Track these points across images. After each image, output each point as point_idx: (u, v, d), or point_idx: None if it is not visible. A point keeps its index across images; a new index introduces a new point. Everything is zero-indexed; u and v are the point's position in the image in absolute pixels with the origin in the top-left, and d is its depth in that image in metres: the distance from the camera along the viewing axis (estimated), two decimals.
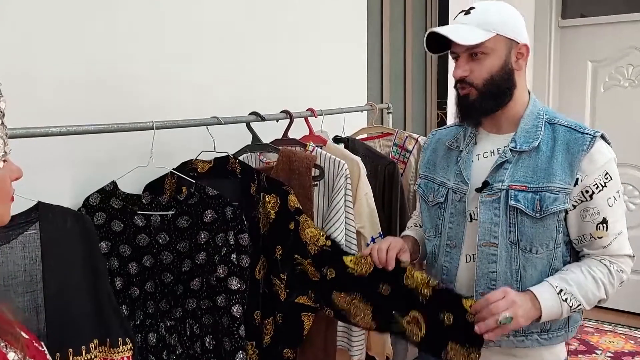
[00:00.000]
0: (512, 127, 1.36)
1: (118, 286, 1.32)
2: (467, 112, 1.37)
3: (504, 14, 1.31)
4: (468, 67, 1.31)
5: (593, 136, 1.29)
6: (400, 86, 3.13)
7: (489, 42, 1.28)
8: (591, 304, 1.29)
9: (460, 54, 1.32)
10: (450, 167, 1.42)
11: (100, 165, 1.42)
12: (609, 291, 1.29)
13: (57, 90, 1.33)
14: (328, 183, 1.68)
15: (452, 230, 1.38)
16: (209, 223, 1.32)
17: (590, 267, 1.29)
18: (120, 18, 1.47)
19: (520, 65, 1.34)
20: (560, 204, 1.27)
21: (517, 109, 1.36)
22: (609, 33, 3.93)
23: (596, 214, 1.28)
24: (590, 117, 4.05)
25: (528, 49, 1.34)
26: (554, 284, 1.26)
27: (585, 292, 1.27)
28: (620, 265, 1.30)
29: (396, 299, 1.33)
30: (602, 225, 1.28)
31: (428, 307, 1.30)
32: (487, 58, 1.30)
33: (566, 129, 1.32)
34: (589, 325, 3.78)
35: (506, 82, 1.32)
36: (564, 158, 1.29)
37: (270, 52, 2.02)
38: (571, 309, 1.27)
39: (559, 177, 1.27)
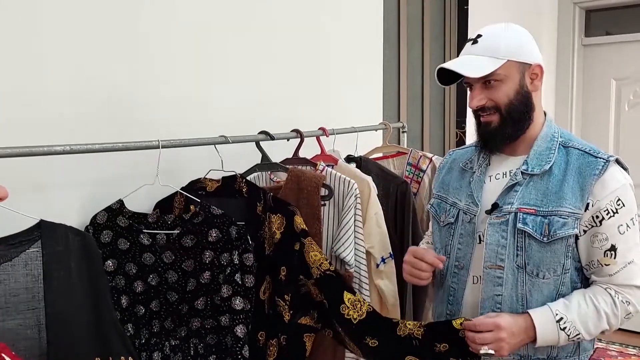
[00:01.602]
0: (526, 149, 1.34)
1: (124, 304, 1.32)
2: (490, 140, 1.35)
3: (512, 37, 1.30)
4: (483, 95, 1.30)
5: (607, 160, 1.26)
6: (418, 105, 3.12)
7: (501, 69, 1.27)
8: (592, 335, 1.26)
9: (474, 84, 1.32)
10: (462, 188, 1.41)
11: (108, 184, 1.43)
12: (612, 322, 1.25)
13: (64, 108, 1.36)
14: (338, 202, 1.68)
15: (460, 251, 1.36)
16: (214, 242, 1.32)
17: (595, 296, 1.25)
18: (128, 36, 1.50)
19: (536, 86, 1.32)
20: (569, 229, 1.24)
21: (533, 130, 1.34)
22: (633, 51, 3.88)
23: (604, 240, 1.25)
24: (614, 135, 3.99)
25: (542, 69, 1.32)
26: (555, 312, 1.23)
27: (586, 322, 1.23)
28: (626, 296, 1.25)
29: (385, 350, 1.34)
30: (610, 253, 1.24)
31: (422, 346, 1.30)
32: (502, 85, 1.29)
33: (580, 152, 1.29)
34: (613, 349, 3.68)
35: (525, 105, 1.31)
36: (575, 182, 1.26)
37: (283, 71, 2.03)
38: (569, 337, 1.24)
39: (569, 201, 1.25)
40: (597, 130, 4.03)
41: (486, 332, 1.21)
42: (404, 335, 1.32)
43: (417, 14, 3.06)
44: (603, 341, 3.80)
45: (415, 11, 3.03)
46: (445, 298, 1.39)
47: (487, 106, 1.31)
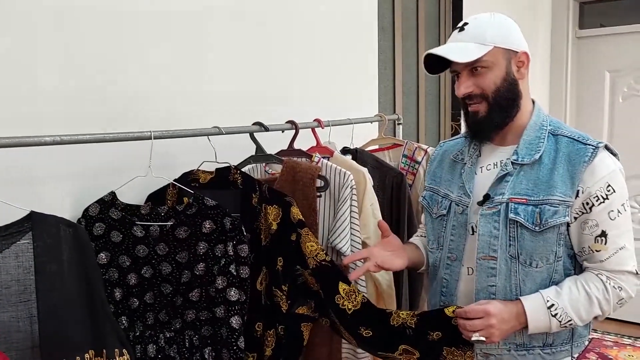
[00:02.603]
0: (516, 138, 1.33)
1: (117, 297, 1.31)
2: (478, 129, 1.35)
3: (498, 25, 1.29)
4: (470, 82, 1.30)
5: (596, 147, 1.25)
6: (413, 98, 3.11)
7: (488, 55, 1.27)
8: (584, 320, 1.26)
9: (461, 71, 1.31)
10: (454, 180, 1.40)
11: (99, 176, 1.42)
12: (604, 308, 1.25)
13: (55, 100, 1.34)
14: (333, 194, 1.67)
15: (453, 242, 1.36)
16: (208, 234, 1.31)
17: (586, 282, 1.25)
18: (122, 27, 1.48)
19: (522, 73, 1.31)
20: (560, 217, 1.24)
21: (522, 119, 1.33)
22: (627, 43, 3.88)
23: (595, 226, 1.24)
24: (608, 127, 3.99)
25: (528, 57, 1.32)
26: (546, 298, 1.24)
27: (577, 308, 1.23)
28: (618, 281, 1.25)
29: (379, 341, 1.35)
30: (600, 239, 1.24)
31: (416, 335, 1.31)
32: (489, 72, 1.28)
33: (569, 139, 1.29)
34: (608, 339, 3.69)
35: (512, 92, 1.30)
36: (565, 170, 1.25)
37: (278, 62, 2.01)
38: (561, 324, 1.24)
39: (560, 189, 1.24)
40: (591, 122, 4.04)
41: (476, 319, 1.21)
42: (397, 325, 1.32)
43: (412, 6, 3.04)
44: (599, 331, 3.81)
45: (410, 3, 3.02)
46: (439, 290, 1.39)
47: (474, 94, 1.30)
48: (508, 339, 1.29)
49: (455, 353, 1.29)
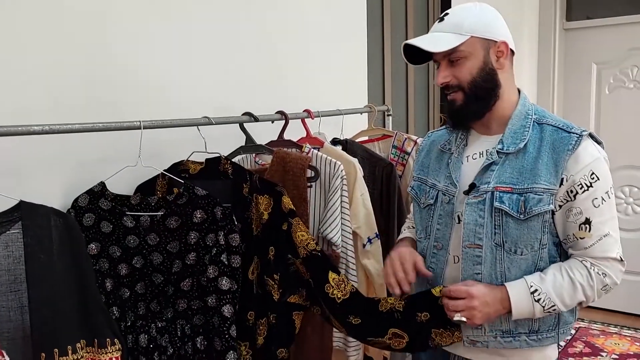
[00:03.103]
0: (501, 127, 1.34)
1: (108, 287, 1.31)
2: (456, 118, 1.37)
3: (477, 15, 1.30)
4: (448, 72, 1.31)
5: (580, 135, 1.27)
6: (402, 89, 3.12)
7: (464, 45, 1.28)
8: (567, 306, 1.28)
9: (440, 61, 1.33)
10: (441, 170, 1.42)
11: (89, 166, 1.41)
12: (587, 294, 1.27)
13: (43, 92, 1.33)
14: (324, 184, 1.67)
15: (439, 231, 1.37)
16: (199, 223, 1.30)
17: (570, 269, 1.27)
18: (111, 16, 1.47)
19: (502, 64, 1.32)
20: (544, 205, 1.25)
21: (505, 109, 1.34)
22: (613, 35, 3.91)
23: (579, 214, 1.26)
24: (595, 118, 4.03)
25: (507, 46, 1.32)
26: (530, 283, 1.26)
27: (561, 294, 1.25)
28: (602, 268, 1.27)
29: (368, 327, 1.37)
30: (584, 226, 1.26)
31: (404, 317, 1.33)
32: (466, 61, 1.29)
33: (553, 128, 1.30)
34: (595, 328, 3.75)
35: (489, 82, 1.31)
36: (549, 158, 1.27)
37: (267, 52, 2.01)
38: (544, 309, 1.25)
39: (544, 177, 1.26)
40: (578, 113, 4.07)
41: (459, 300, 1.24)
42: (385, 311, 1.34)
43: None
44: (586, 320, 3.87)
45: None
46: (425, 279, 1.40)
47: (451, 84, 1.31)
48: (494, 325, 1.31)
49: (443, 334, 1.31)
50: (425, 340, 1.33)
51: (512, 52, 1.34)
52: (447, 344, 1.33)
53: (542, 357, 1.35)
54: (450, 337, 1.31)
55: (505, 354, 1.34)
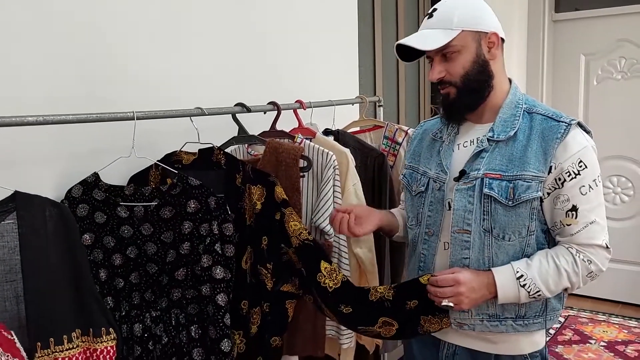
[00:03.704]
0: (492, 116, 1.37)
1: (103, 278, 1.31)
2: (450, 111, 1.39)
3: (465, 8, 1.32)
4: (442, 67, 1.33)
5: (568, 124, 1.29)
6: (393, 80, 3.13)
7: (456, 40, 1.30)
8: (552, 292, 1.30)
9: (433, 57, 1.35)
10: (432, 157, 1.44)
11: (83, 157, 1.41)
12: (573, 280, 1.29)
13: (39, 80, 1.33)
14: (316, 174, 1.68)
15: (430, 218, 1.39)
16: (193, 213, 1.31)
17: (556, 255, 1.30)
18: (103, 8, 1.47)
19: (494, 54, 1.34)
20: (533, 192, 1.27)
21: (497, 98, 1.37)
22: (602, 26, 3.94)
23: (566, 201, 1.28)
24: (583, 109, 4.06)
25: (498, 37, 1.34)
26: (516, 269, 1.28)
27: (546, 280, 1.28)
28: (588, 255, 1.29)
29: (359, 316, 1.39)
30: (571, 213, 1.28)
31: (394, 306, 1.35)
32: (459, 56, 1.31)
33: (543, 117, 1.32)
34: (584, 316, 3.80)
35: (482, 74, 1.33)
36: (538, 146, 1.29)
37: (259, 44, 2.01)
38: (529, 294, 1.28)
39: (533, 165, 1.28)
40: (566, 104, 4.10)
41: (446, 287, 1.26)
42: (376, 300, 1.36)
43: None
44: (575, 308, 3.92)
45: None
46: (417, 265, 1.43)
47: (445, 79, 1.33)
48: (480, 309, 1.33)
49: (432, 321, 1.34)
50: (415, 327, 1.36)
51: (502, 41, 1.36)
52: (435, 330, 1.35)
53: (529, 343, 1.38)
54: (438, 324, 1.34)
55: (494, 340, 1.36)
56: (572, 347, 3.34)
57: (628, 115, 3.88)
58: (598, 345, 3.35)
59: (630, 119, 3.87)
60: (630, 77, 3.87)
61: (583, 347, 3.34)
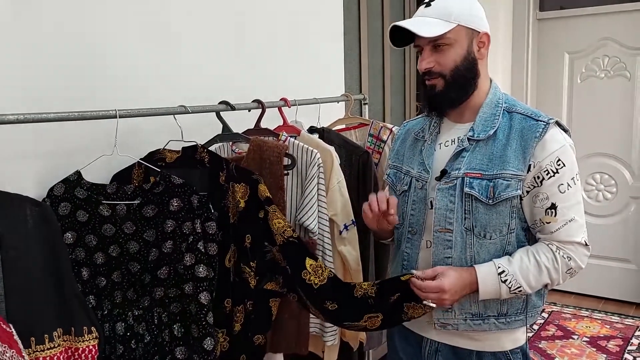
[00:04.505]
0: (473, 115, 1.38)
1: (85, 276, 1.31)
2: (434, 103, 1.39)
3: (463, 4, 1.33)
4: (432, 58, 1.33)
5: (547, 123, 1.31)
6: (379, 78, 3.13)
7: (451, 33, 1.30)
8: (533, 288, 1.32)
9: (424, 47, 1.34)
10: (415, 157, 1.45)
11: (64, 155, 1.40)
12: (553, 277, 1.31)
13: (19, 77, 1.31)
14: (301, 172, 1.69)
15: (413, 217, 1.40)
16: (175, 212, 1.31)
17: (537, 252, 1.32)
18: (87, 5, 1.46)
19: (482, 54, 1.36)
20: (512, 191, 1.29)
21: (479, 97, 1.38)
22: (585, 25, 3.98)
23: (545, 199, 1.30)
24: (567, 107, 4.10)
25: (489, 37, 1.36)
26: (497, 265, 1.30)
27: (527, 276, 1.29)
28: (568, 252, 1.31)
29: (344, 313, 1.40)
30: (550, 211, 1.30)
31: (377, 302, 1.36)
32: (450, 49, 1.32)
33: (522, 116, 1.34)
34: (567, 312, 3.84)
35: (470, 71, 1.34)
36: (518, 145, 1.31)
37: (244, 41, 2.01)
38: (510, 290, 1.30)
39: (513, 164, 1.29)
40: (551, 102, 4.14)
41: (429, 292, 1.28)
42: (360, 297, 1.37)
43: None
44: (558, 304, 3.96)
45: None
46: (400, 263, 1.44)
47: (434, 70, 1.34)
48: (464, 308, 1.35)
49: (415, 307, 1.35)
50: (399, 315, 1.37)
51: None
52: (419, 315, 1.36)
53: (511, 340, 1.39)
54: (422, 309, 1.34)
55: (476, 337, 1.38)
56: (555, 343, 3.38)
57: (611, 113, 3.92)
58: (581, 341, 3.40)
59: (613, 117, 3.91)
60: (614, 76, 3.91)
61: (566, 342, 3.39)
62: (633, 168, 3.91)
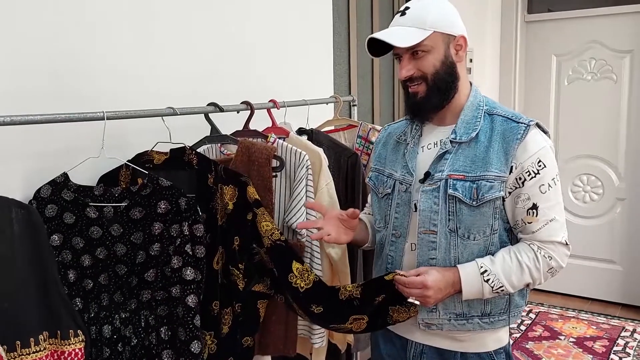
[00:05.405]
0: (454, 118, 1.40)
1: (71, 279, 1.30)
2: (417, 110, 1.41)
3: (438, 10, 1.35)
4: (411, 65, 1.36)
5: (527, 125, 1.33)
6: (368, 80, 3.14)
7: (427, 40, 1.33)
8: (515, 287, 1.34)
9: (402, 55, 1.37)
10: (397, 160, 1.46)
11: (51, 157, 1.39)
12: (534, 276, 1.33)
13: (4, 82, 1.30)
14: (289, 174, 1.69)
15: (397, 220, 1.42)
16: (163, 214, 1.31)
17: (519, 251, 1.34)
18: (73, 5, 1.45)
19: (460, 57, 1.38)
20: (495, 192, 1.31)
21: (460, 100, 1.40)
22: (573, 27, 4.02)
23: (527, 199, 1.32)
24: (554, 109, 4.14)
25: (465, 40, 1.39)
26: (480, 265, 1.32)
27: (509, 275, 1.31)
28: (549, 251, 1.33)
29: (330, 315, 1.41)
30: (532, 211, 1.32)
31: (362, 303, 1.37)
32: (429, 55, 1.34)
33: (503, 118, 1.36)
34: (554, 312, 3.88)
35: (450, 75, 1.37)
36: (500, 147, 1.33)
37: (233, 43, 2.00)
38: (493, 289, 1.32)
39: (495, 165, 1.31)
40: (538, 104, 4.17)
41: (413, 289, 1.29)
42: (345, 299, 1.38)
43: None
44: (545, 305, 4.00)
45: None
46: (384, 267, 1.45)
47: (414, 76, 1.36)
48: (448, 308, 1.37)
49: (400, 310, 1.36)
50: (384, 319, 1.38)
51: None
52: (405, 319, 1.37)
53: (494, 340, 1.41)
54: (407, 312, 1.36)
55: (461, 338, 1.39)
56: (542, 343, 3.41)
57: (597, 115, 3.96)
58: (567, 341, 3.43)
59: (600, 118, 3.96)
60: (600, 78, 3.96)
61: (553, 342, 3.42)
62: (619, 169, 3.96)
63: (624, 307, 3.94)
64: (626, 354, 3.25)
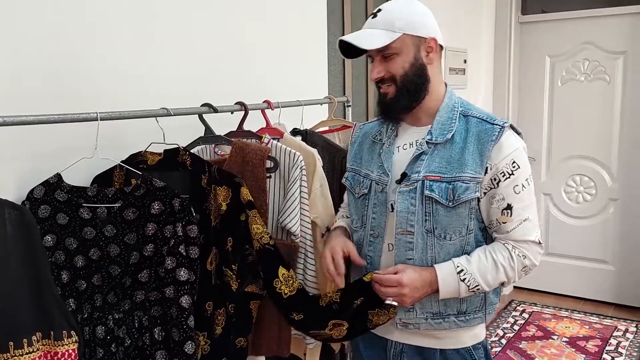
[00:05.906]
0: (429, 119, 1.41)
1: (64, 280, 1.30)
2: (387, 110, 1.44)
3: (408, 13, 1.37)
4: (382, 67, 1.38)
5: (502, 127, 1.35)
6: (362, 80, 3.15)
7: (396, 42, 1.35)
8: (490, 286, 1.37)
9: (374, 57, 1.39)
10: (373, 160, 1.48)
11: (45, 158, 1.39)
12: (509, 274, 1.36)
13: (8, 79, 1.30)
14: (283, 175, 1.69)
15: (375, 220, 1.43)
16: (157, 215, 1.31)
17: (494, 251, 1.36)
18: (73, 5, 1.45)
19: (431, 59, 1.39)
20: (471, 193, 1.33)
21: (433, 101, 1.42)
22: (566, 28, 4.04)
23: (501, 200, 1.35)
24: (548, 110, 4.16)
25: (436, 42, 1.40)
26: (456, 264, 1.34)
27: (485, 274, 1.34)
28: (523, 250, 1.36)
29: (310, 322, 1.43)
30: (506, 211, 1.35)
31: (341, 307, 1.39)
32: (398, 57, 1.36)
33: (478, 120, 1.38)
34: (547, 312, 3.90)
35: (420, 77, 1.38)
36: (475, 148, 1.35)
37: (227, 43, 2.00)
38: (469, 288, 1.34)
39: (471, 167, 1.33)
40: (532, 105, 4.19)
41: (390, 287, 1.31)
42: (325, 305, 1.40)
43: None
44: (538, 305, 4.02)
45: None
46: (363, 267, 1.45)
47: (385, 78, 1.38)
48: (424, 308, 1.39)
49: (380, 313, 1.37)
50: (364, 323, 1.39)
51: (441, 47, 1.42)
52: (384, 322, 1.39)
53: (471, 337, 1.44)
54: (386, 315, 1.37)
55: (438, 336, 1.42)
56: (536, 343, 3.43)
57: (590, 116, 3.99)
58: (560, 341, 3.45)
59: (593, 119, 3.98)
60: (593, 79, 3.98)
61: (546, 342, 3.43)
62: (612, 170, 3.98)
63: (617, 307, 3.97)
64: (618, 353, 3.28)
